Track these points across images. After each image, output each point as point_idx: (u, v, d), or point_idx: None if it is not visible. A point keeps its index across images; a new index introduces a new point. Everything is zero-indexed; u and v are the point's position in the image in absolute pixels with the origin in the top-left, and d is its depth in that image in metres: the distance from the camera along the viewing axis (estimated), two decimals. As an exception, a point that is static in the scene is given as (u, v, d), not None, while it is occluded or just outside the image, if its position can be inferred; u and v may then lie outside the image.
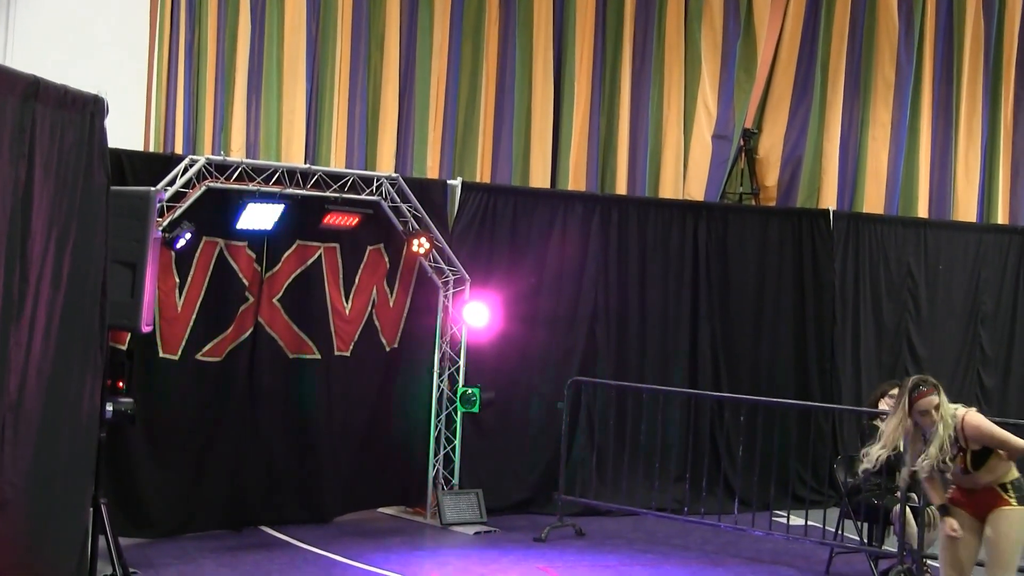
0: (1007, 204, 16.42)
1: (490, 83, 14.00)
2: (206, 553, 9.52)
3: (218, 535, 10.07)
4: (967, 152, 16.17)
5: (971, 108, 16.20)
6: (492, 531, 10.85)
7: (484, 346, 11.31)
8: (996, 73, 16.36)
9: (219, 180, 9.67)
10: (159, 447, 9.91)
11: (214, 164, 9.70)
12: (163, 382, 9.89)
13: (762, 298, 12.86)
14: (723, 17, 14.89)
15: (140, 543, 9.47)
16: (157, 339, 9.73)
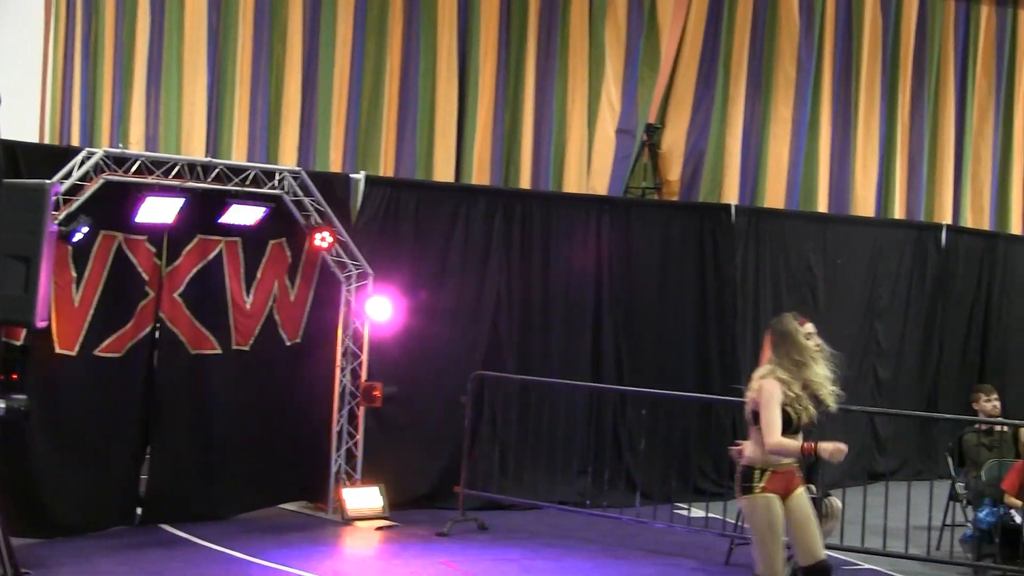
0: (904, 199, 16.74)
1: (394, 77, 13.96)
2: (103, 552, 9.36)
3: (117, 533, 9.91)
4: (865, 148, 16.45)
5: (869, 105, 16.47)
6: (394, 526, 10.81)
7: (387, 340, 11.26)
8: (893, 71, 16.66)
9: (117, 173, 9.51)
10: (57, 444, 9.71)
11: (112, 157, 9.54)
12: (60, 378, 9.70)
13: (665, 292, 12.95)
14: (627, 13, 14.99)
15: (34, 543, 9.28)
16: (53, 334, 9.55)
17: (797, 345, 6.99)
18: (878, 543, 9.86)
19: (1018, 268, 15.91)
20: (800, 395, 6.95)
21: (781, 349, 7.01)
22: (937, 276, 14.88)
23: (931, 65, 16.91)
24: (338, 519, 10.89)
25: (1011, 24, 17.42)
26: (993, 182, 17.37)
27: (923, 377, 14.84)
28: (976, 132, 17.28)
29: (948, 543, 10.52)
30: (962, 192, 17.16)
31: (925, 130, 16.90)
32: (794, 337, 7.00)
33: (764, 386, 6.92)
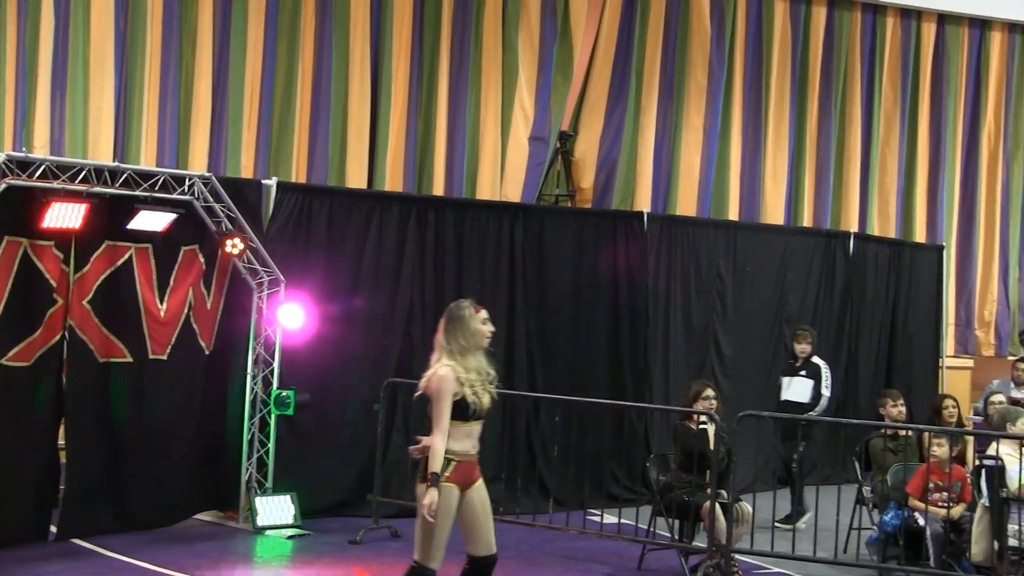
0: (812, 207, 17.00)
1: (306, 82, 13.88)
2: (5, 567, 9.15)
3: (29, 548, 9.69)
4: (775, 157, 16.68)
5: (779, 115, 16.70)
6: (306, 534, 10.73)
7: (299, 348, 11.17)
8: (802, 80, 16.92)
9: (21, 178, 9.33)
10: (-39, 455, 9.53)
11: (15, 161, 9.36)
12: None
13: (578, 299, 12.99)
14: (540, 21, 15.05)
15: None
16: (-44, 343, 9.36)
17: (468, 330, 7.02)
18: (787, 547, 9.98)
19: (923, 275, 16.22)
20: (475, 379, 6.99)
21: (453, 333, 7.04)
22: (845, 283, 15.10)
23: (839, 75, 17.19)
24: (249, 528, 10.78)
25: (915, 35, 17.78)
26: (899, 191, 17.70)
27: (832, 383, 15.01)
28: (882, 142, 17.59)
29: (855, 546, 10.67)
30: (869, 200, 17.46)
31: (833, 139, 17.17)
32: (467, 322, 7.03)
33: (436, 375, 6.93)
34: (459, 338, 7.03)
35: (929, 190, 17.98)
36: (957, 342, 18.04)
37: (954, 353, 17.77)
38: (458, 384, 6.93)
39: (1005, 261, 18.47)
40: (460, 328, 7.05)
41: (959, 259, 18.14)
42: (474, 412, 6.98)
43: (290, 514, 10.94)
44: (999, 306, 18.37)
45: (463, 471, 6.97)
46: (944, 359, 16.66)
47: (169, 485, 10.69)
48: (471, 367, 7.02)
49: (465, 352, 7.01)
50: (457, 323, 7.07)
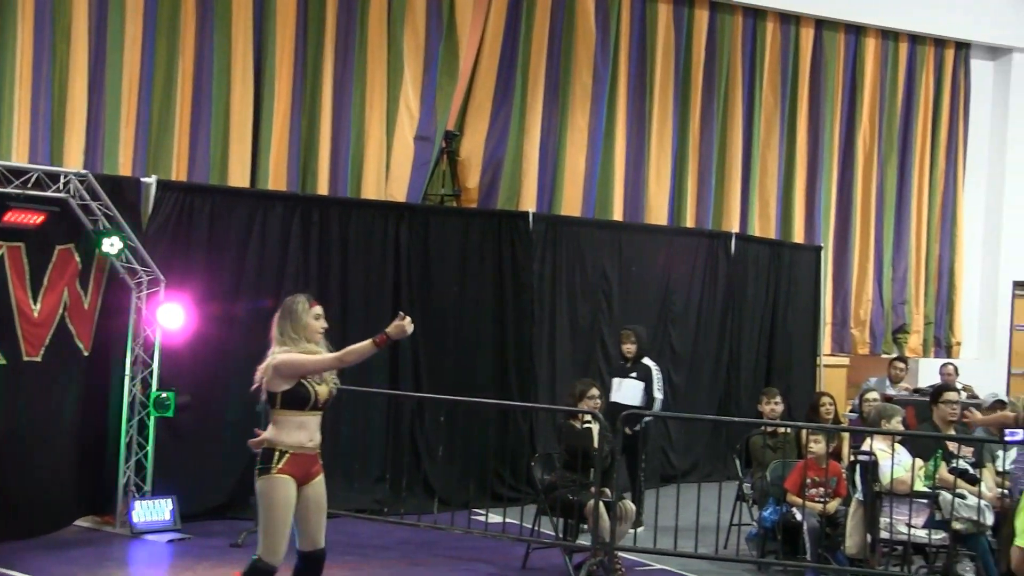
0: (695, 208, 17.19)
1: (187, 79, 13.65)
2: None
3: None
4: (659, 158, 16.84)
5: (662, 117, 16.87)
6: (187, 538, 10.57)
7: (180, 348, 11.00)
8: (685, 83, 17.10)
9: None
10: None
11: None
12: None
13: (463, 299, 12.99)
14: (425, 20, 15.00)
15: None
16: None
17: (300, 323, 7.07)
18: (669, 544, 10.07)
19: (801, 275, 16.53)
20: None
21: (284, 325, 7.09)
22: (727, 283, 15.32)
23: (720, 78, 17.41)
24: (127, 533, 10.58)
25: (794, 40, 18.09)
26: (778, 192, 17.98)
27: (715, 381, 15.26)
28: (763, 144, 17.86)
29: (735, 541, 10.82)
30: (750, 202, 17.71)
31: (715, 141, 17.39)
32: (298, 315, 7.08)
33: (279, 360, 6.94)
34: (290, 331, 7.05)
35: (807, 192, 18.29)
36: (834, 341, 18.38)
37: (831, 352, 18.11)
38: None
39: (879, 261, 18.87)
40: (292, 321, 7.07)
41: (836, 259, 18.49)
42: (311, 403, 6.98)
43: (169, 517, 10.77)
44: (874, 305, 18.77)
45: (299, 464, 6.95)
46: (821, 357, 16.99)
47: (47, 491, 10.41)
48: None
49: (296, 344, 7.02)
50: (289, 316, 7.09)
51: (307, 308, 7.13)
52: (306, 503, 7.04)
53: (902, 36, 18.95)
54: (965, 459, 10.12)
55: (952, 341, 19.44)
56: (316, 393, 6.99)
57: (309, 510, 7.06)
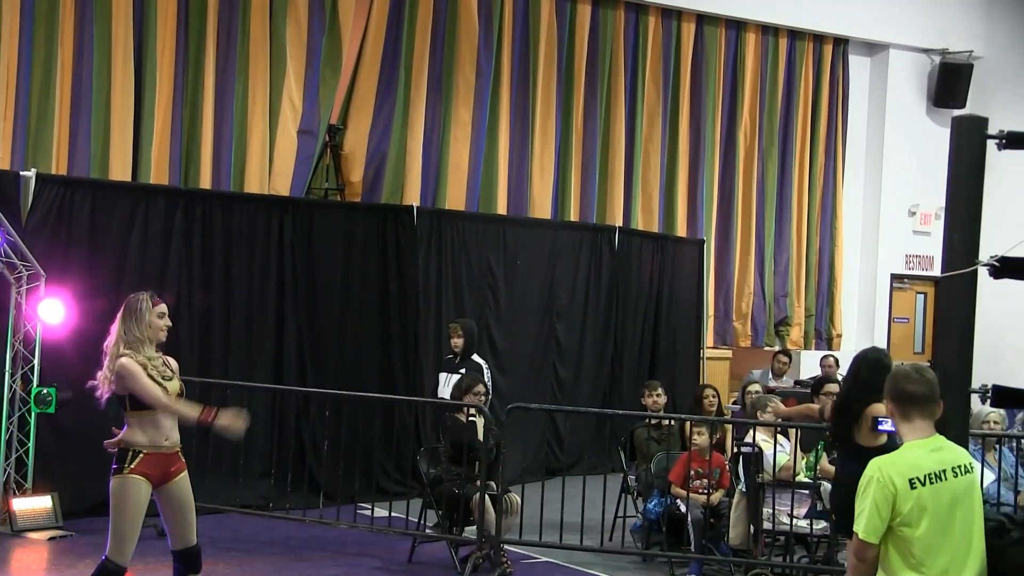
0: (578, 202, 17.31)
1: (66, 71, 13.42)
2: None
3: None
4: (542, 153, 16.92)
5: (546, 111, 16.95)
6: (69, 535, 10.43)
7: (61, 344, 10.84)
8: (568, 80, 17.20)
9: None
10: None
11: None
12: None
13: (348, 292, 12.96)
14: (308, 14, 14.92)
15: None
16: None
17: (144, 322, 7.09)
18: (555, 537, 10.16)
19: (684, 269, 16.74)
20: (155, 366, 7.08)
21: (128, 323, 7.11)
22: (611, 276, 15.47)
23: (603, 73, 17.54)
24: (7, 530, 10.41)
25: (676, 35, 18.27)
26: (661, 186, 18.16)
27: (600, 374, 15.40)
28: (646, 138, 18.03)
29: (620, 533, 10.96)
30: (633, 195, 17.87)
31: (598, 136, 17.51)
32: (143, 314, 7.11)
33: (120, 365, 6.97)
34: (134, 329, 7.04)
35: (690, 185, 18.49)
36: (716, 333, 18.62)
37: (713, 344, 18.35)
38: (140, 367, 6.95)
39: (761, 255, 19.16)
40: (135, 320, 7.06)
41: (718, 253, 18.71)
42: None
43: (51, 515, 10.61)
44: (755, 299, 19.05)
45: (153, 463, 6.95)
46: (704, 350, 17.23)
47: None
48: (150, 356, 7.04)
49: (140, 343, 7.03)
50: (133, 314, 7.08)
51: (151, 307, 7.11)
52: (169, 502, 7.06)
53: (782, 31, 19.25)
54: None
55: (833, 333, 19.83)
56: (164, 390, 6.98)
57: (173, 509, 7.07)
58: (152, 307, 7.10)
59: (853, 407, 7.80)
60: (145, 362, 6.98)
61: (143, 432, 6.94)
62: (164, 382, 7.02)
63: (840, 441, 8.01)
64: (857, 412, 7.75)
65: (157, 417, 6.97)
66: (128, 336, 7.02)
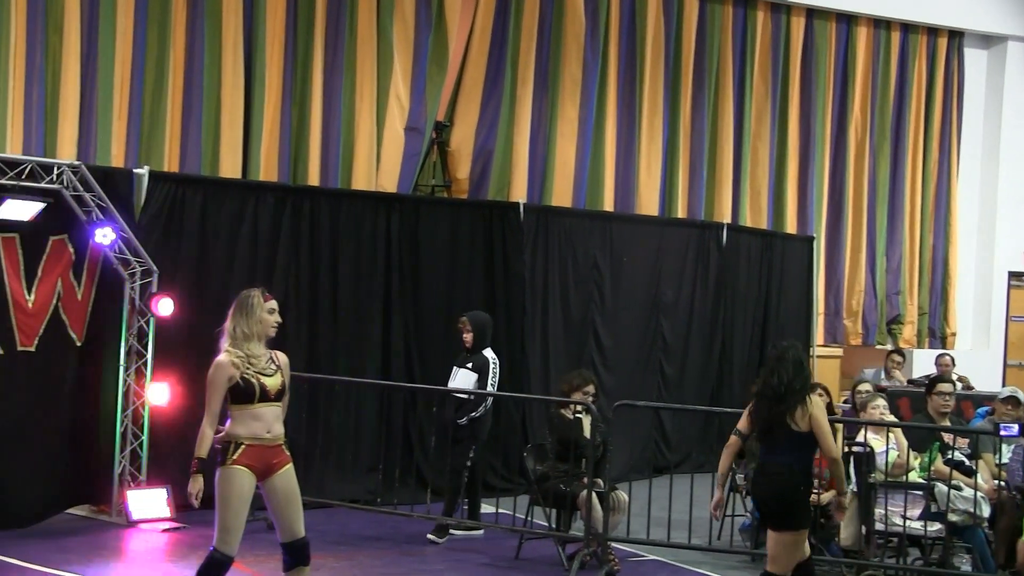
0: (686, 199, 17.19)
1: (178, 70, 13.64)
2: None
3: None
4: (649, 149, 16.82)
5: (653, 107, 16.85)
6: (181, 527, 10.59)
7: (173, 338, 11.01)
8: (676, 75, 17.08)
9: None
10: None
11: None
12: None
13: (454, 289, 12.99)
14: (415, 10, 14.99)
15: None
16: None
17: (254, 317, 7.13)
18: (662, 534, 10.09)
19: (792, 266, 16.54)
20: (256, 363, 7.08)
21: (238, 319, 7.15)
22: (719, 274, 15.32)
23: (711, 68, 17.40)
24: (122, 522, 10.61)
25: (785, 30, 18.07)
26: (770, 183, 17.98)
27: (707, 372, 15.27)
28: (754, 134, 17.85)
29: (728, 532, 10.84)
30: (741, 192, 17.71)
31: (706, 131, 17.37)
32: (253, 310, 7.14)
33: (213, 364, 7.07)
34: (243, 325, 7.11)
35: (799, 182, 18.29)
36: (826, 332, 18.39)
37: (823, 342, 18.11)
38: (233, 369, 7.00)
39: (872, 252, 18.88)
40: (245, 315, 7.13)
41: (828, 250, 18.49)
42: (258, 395, 7.02)
43: (164, 507, 10.78)
44: (867, 296, 18.78)
45: (255, 455, 7.01)
46: (814, 348, 16.99)
47: (40, 479, 10.47)
48: (255, 353, 7.08)
49: (248, 339, 7.09)
50: (243, 310, 7.14)
51: (261, 302, 7.17)
52: (275, 495, 7.11)
53: (894, 25, 18.94)
54: (961, 451, 10.15)
55: (947, 332, 19.46)
56: (262, 386, 7.03)
57: (279, 502, 7.13)
58: (263, 303, 7.17)
59: (798, 394, 7.64)
60: (239, 362, 7.03)
61: (244, 425, 7.02)
62: (263, 378, 7.06)
63: (773, 428, 7.76)
64: (801, 399, 7.62)
65: (257, 410, 7.03)
66: (236, 332, 7.10)
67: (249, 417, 7.02)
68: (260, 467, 7.02)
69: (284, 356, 7.34)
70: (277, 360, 7.24)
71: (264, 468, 7.04)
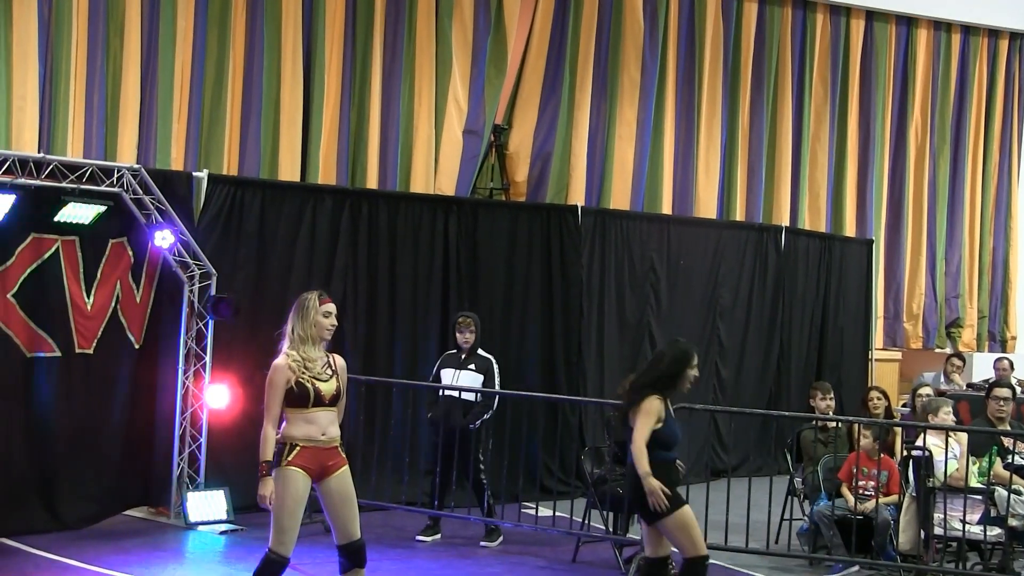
0: (744, 202, 17.10)
1: (237, 73, 13.74)
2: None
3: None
4: (707, 152, 16.75)
5: (711, 109, 16.78)
6: (239, 529, 10.65)
7: (232, 341, 11.08)
8: (734, 78, 17.01)
9: (-56, 168, 9.20)
10: None
11: (-62, 151, 9.20)
12: None
13: (511, 292, 13.00)
14: (473, 13, 15.01)
15: None
16: None
17: (309, 319, 7.13)
18: (719, 538, 10.02)
19: (851, 269, 16.41)
20: (311, 367, 7.09)
21: (296, 321, 7.17)
22: (777, 277, 15.23)
23: (769, 71, 17.31)
24: (181, 524, 10.68)
25: (844, 32, 17.97)
26: (829, 185, 17.86)
27: (764, 375, 15.17)
28: (813, 136, 17.74)
29: (786, 536, 10.76)
30: (800, 195, 17.60)
31: (764, 134, 17.28)
32: (308, 311, 7.15)
33: (272, 367, 7.09)
34: (299, 327, 7.14)
35: (858, 185, 18.17)
36: (886, 335, 18.25)
37: (883, 346, 17.97)
38: (290, 372, 7.03)
39: (932, 255, 18.71)
40: (302, 317, 7.16)
41: (887, 253, 18.35)
42: (312, 400, 7.03)
43: (222, 509, 10.85)
44: (927, 299, 18.62)
45: (311, 456, 7.02)
46: (873, 352, 16.86)
47: (98, 481, 10.57)
48: (311, 356, 7.10)
49: (304, 341, 7.12)
50: (300, 311, 7.18)
51: (318, 305, 7.19)
52: (330, 496, 7.12)
53: (955, 27, 18.79)
54: (1021, 455, 10.02)
55: (1007, 335, 19.26)
56: (317, 391, 7.06)
57: (335, 503, 7.14)
58: (319, 306, 7.19)
59: (643, 392, 7.58)
60: (296, 366, 7.05)
61: (298, 427, 7.03)
62: (318, 383, 7.08)
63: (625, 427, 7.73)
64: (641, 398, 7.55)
65: (311, 414, 7.05)
66: (294, 335, 7.13)
67: (303, 420, 7.04)
68: (315, 468, 7.04)
69: (342, 360, 7.35)
70: (334, 364, 7.25)
71: (319, 469, 7.06)
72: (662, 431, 7.54)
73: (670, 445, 7.61)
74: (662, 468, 7.51)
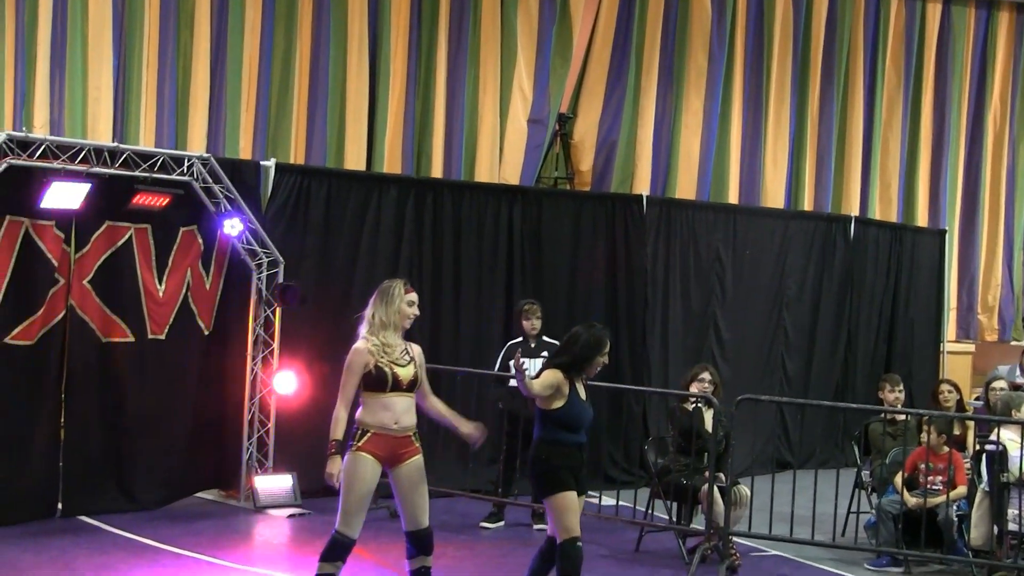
0: (812, 192, 16.96)
1: (304, 63, 13.87)
2: (10, 540, 9.20)
3: (33, 524, 9.73)
4: (775, 141, 16.63)
5: (780, 98, 16.65)
6: (307, 514, 10.76)
7: (299, 328, 11.19)
8: (804, 65, 16.86)
9: (22, 157, 9.36)
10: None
11: (16, 140, 9.37)
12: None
13: (576, 282, 12.98)
14: (539, 3, 15.03)
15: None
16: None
17: (393, 306, 7.15)
18: (785, 530, 9.97)
19: (923, 260, 16.20)
20: (390, 352, 7.10)
21: (378, 307, 7.18)
22: (845, 268, 15.08)
23: (840, 58, 17.14)
24: (250, 507, 10.83)
25: (920, 17, 17.71)
26: (901, 174, 17.66)
27: (831, 367, 15.04)
28: (885, 124, 17.54)
29: (853, 529, 10.68)
30: (870, 184, 17.42)
31: (834, 123, 17.13)
32: (393, 299, 7.17)
33: (352, 350, 7.11)
34: (381, 313, 7.17)
35: (932, 174, 17.93)
36: (959, 327, 18.00)
37: (956, 338, 17.72)
38: (370, 356, 7.06)
39: (1010, 245, 18.42)
40: (385, 304, 7.19)
41: (961, 243, 18.09)
42: (390, 384, 7.08)
43: (290, 493, 10.98)
44: (1003, 291, 18.34)
45: (382, 443, 7.08)
46: (945, 344, 16.64)
47: (170, 463, 10.77)
48: (390, 343, 7.13)
49: (385, 327, 7.15)
50: (384, 298, 7.21)
51: (402, 293, 7.23)
52: (401, 484, 7.19)
53: (1039, 9, 18.45)
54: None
55: (1085, 329, 18.94)
56: (395, 375, 7.09)
57: (405, 491, 7.20)
58: (403, 294, 7.24)
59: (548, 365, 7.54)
60: (375, 350, 7.09)
61: (372, 413, 7.09)
62: (396, 368, 7.12)
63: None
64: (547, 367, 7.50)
65: (388, 399, 7.09)
66: (375, 320, 7.17)
67: (380, 406, 7.08)
68: (386, 455, 7.10)
69: (419, 348, 7.39)
70: (411, 352, 7.29)
71: (390, 457, 7.12)
72: (565, 411, 7.42)
73: (575, 427, 7.48)
74: (564, 450, 7.44)
